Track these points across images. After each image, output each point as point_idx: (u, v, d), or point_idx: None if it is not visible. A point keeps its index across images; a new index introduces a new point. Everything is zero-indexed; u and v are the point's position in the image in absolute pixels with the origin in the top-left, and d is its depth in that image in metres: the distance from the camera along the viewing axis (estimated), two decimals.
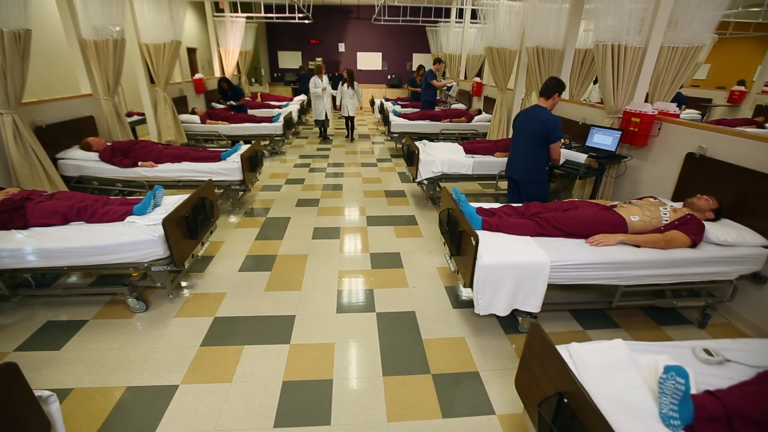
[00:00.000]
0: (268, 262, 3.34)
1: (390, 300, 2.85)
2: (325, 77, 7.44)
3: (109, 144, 4.04)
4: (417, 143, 4.48)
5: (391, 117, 6.58)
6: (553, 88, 3.04)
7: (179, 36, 5.54)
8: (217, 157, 4.14)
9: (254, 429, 1.86)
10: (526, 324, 2.48)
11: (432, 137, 6.44)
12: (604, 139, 3.47)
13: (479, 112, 6.77)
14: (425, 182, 4.18)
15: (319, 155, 6.92)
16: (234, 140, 6.33)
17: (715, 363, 1.45)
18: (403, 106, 8.13)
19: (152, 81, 5.65)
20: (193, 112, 6.47)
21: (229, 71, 8.62)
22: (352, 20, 11.98)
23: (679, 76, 3.49)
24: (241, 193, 4.40)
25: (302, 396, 2.04)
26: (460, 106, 7.97)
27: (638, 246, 2.30)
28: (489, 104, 6.91)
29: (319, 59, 12.31)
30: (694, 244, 2.32)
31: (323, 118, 7.71)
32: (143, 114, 5.84)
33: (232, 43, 8.45)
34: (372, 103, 9.28)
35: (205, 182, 3.02)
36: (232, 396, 2.04)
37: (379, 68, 12.47)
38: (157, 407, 1.96)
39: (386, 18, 9.66)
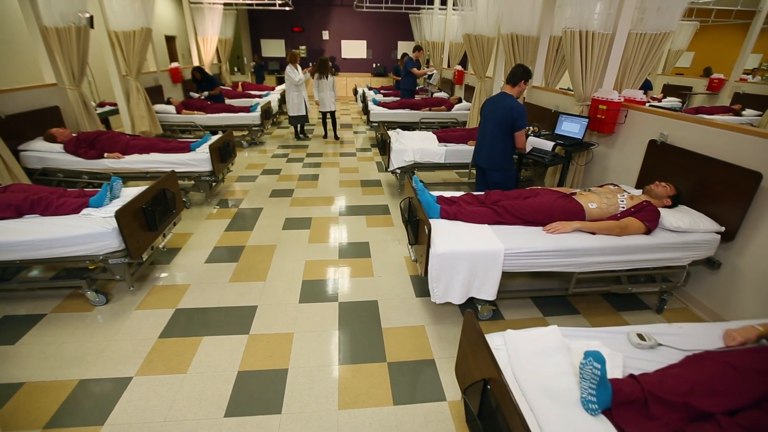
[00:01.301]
0: (235, 253, 3.32)
1: (354, 289, 2.85)
2: (299, 68, 6.65)
3: (74, 135, 3.95)
4: (390, 132, 4.45)
5: (370, 106, 6.52)
6: (519, 75, 3.02)
7: (150, 23, 5.39)
8: (186, 148, 4.08)
9: (204, 419, 1.87)
10: (485, 312, 2.49)
11: (412, 126, 6.41)
12: (572, 127, 3.47)
13: (459, 101, 6.74)
14: (397, 171, 4.15)
15: (298, 145, 6.85)
16: (213, 131, 6.23)
17: (647, 347, 1.47)
18: (385, 95, 8.06)
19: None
20: (169, 102, 6.35)
21: (208, 60, 8.45)
22: (335, 7, 11.77)
23: (648, 62, 3.49)
24: (213, 184, 4.34)
25: (256, 385, 2.05)
26: (443, 94, 7.91)
27: (594, 233, 2.31)
28: (470, 92, 6.86)
29: (303, 47, 12.12)
30: (648, 231, 2.34)
31: (303, 113, 6.86)
32: (116, 104, 5.71)
33: (211, 30, 8.26)
34: (355, 92, 9.18)
35: (167, 173, 2.97)
36: (186, 387, 2.03)
37: (364, 57, 12.32)
38: (109, 399, 1.95)
39: (369, 5, 9.52)
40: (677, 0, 3.25)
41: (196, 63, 8.55)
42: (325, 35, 12.09)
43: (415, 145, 4.07)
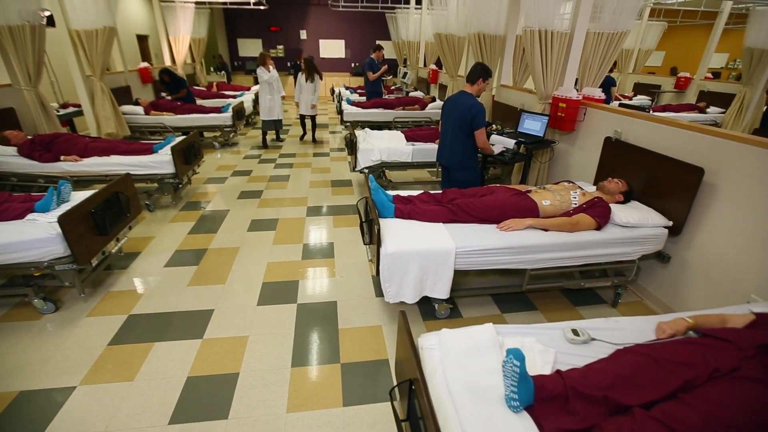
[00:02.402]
0: (196, 256, 3.25)
1: (314, 291, 2.82)
2: (271, 68, 6.22)
3: (29, 137, 3.82)
4: (358, 132, 4.43)
5: (344, 105, 6.49)
6: (477, 73, 3.02)
7: (113, 22, 5.25)
8: (149, 150, 3.98)
9: (148, 427, 1.82)
10: (443, 310, 2.50)
11: (385, 125, 6.40)
12: (533, 125, 3.51)
13: (433, 100, 6.75)
14: (365, 171, 4.14)
15: (272, 146, 6.77)
16: (185, 132, 6.10)
17: (581, 342, 1.49)
18: (361, 95, 8.03)
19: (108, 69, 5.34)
20: (137, 103, 6.20)
21: (180, 59, 8.29)
22: (312, 6, 11.69)
23: (606, 61, 3.55)
24: (179, 186, 4.25)
25: (205, 391, 2.01)
26: (419, 93, 7.92)
27: (546, 230, 2.34)
28: (444, 92, 6.89)
29: (281, 47, 12.00)
30: (599, 227, 2.38)
31: (276, 117, 6.41)
32: (80, 105, 5.54)
33: (182, 29, 8.10)
34: (332, 92, 9.13)
35: (120, 176, 2.89)
36: (131, 395, 1.98)
37: (343, 56, 12.27)
38: (49, 411, 1.89)
39: (344, 4, 9.48)
40: (632, 1, 3.30)
41: (168, 63, 8.38)
42: (303, 35, 11.99)
43: (382, 145, 4.06)
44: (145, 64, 7.02)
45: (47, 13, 5.36)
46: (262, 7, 9.24)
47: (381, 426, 1.82)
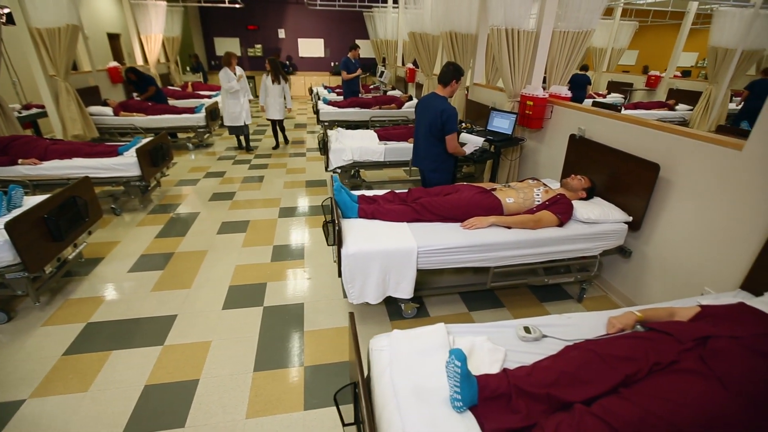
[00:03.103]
0: (162, 260, 3.17)
1: (281, 293, 2.78)
2: (239, 70, 5.72)
3: None
4: (331, 132, 4.39)
5: (320, 105, 6.43)
6: (449, 74, 2.97)
7: (77, 19, 5.08)
8: (114, 152, 3.87)
9: None
10: (409, 310, 2.49)
11: (362, 125, 6.38)
12: (502, 123, 3.53)
13: (410, 98, 6.75)
14: (338, 171, 4.10)
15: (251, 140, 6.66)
16: (157, 133, 5.94)
17: (532, 340, 1.49)
18: (339, 94, 7.98)
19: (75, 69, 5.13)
20: (105, 104, 6.02)
21: (153, 59, 8.09)
22: (290, 5, 11.56)
23: (573, 59, 3.60)
24: (147, 189, 4.15)
25: (162, 399, 1.95)
26: (397, 92, 7.92)
27: (509, 227, 2.35)
28: (421, 90, 6.90)
29: (259, 46, 11.83)
30: (561, 223, 2.40)
31: (241, 123, 5.91)
32: (44, 106, 5.35)
33: (154, 28, 7.91)
34: (311, 91, 9.04)
35: (78, 179, 2.79)
36: (84, 406, 1.91)
37: (322, 55, 12.17)
38: None
39: (322, 3, 9.40)
40: (596, 1, 3.36)
41: (140, 62, 8.17)
42: (281, 33, 11.85)
43: (354, 144, 4.03)
44: (114, 64, 6.82)
45: (6, 11, 5.17)
46: (237, 6, 9.11)
47: (341, 429, 1.80)
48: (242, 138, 6.29)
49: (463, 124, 3.79)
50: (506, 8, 3.28)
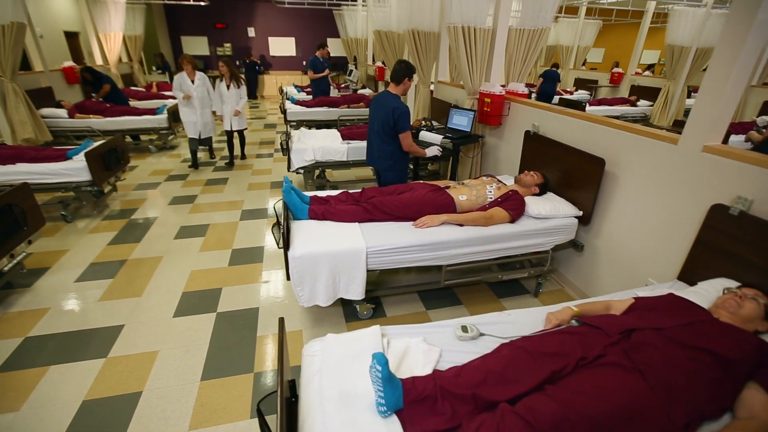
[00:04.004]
0: (113, 268, 3.05)
1: (236, 298, 2.71)
2: (200, 75, 4.87)
3: None
4: (294, 131, 4.32)
5: (287, 104, 6.33)
6: (401, 72, 2.96)
7: (22, 17, 4.83)
8: (62, 156, 3.69)
9: None
10: (364, 311, 2.47)
11: (332, 124, 6.31)
12: (461, 120, 3.54)
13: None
14: (301, 171, 4.04)
15: (215, 147, 6.50)
16: (117, 135, 5.71)
17: (469, 339, 1.49)
18: (308, 93, 7.88)
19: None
20: (59, 105, 5.76)
21: (113, 58, 7.79)
22: (260, 3, 11.35)
23: (530, 57, 3.64)
24: (100, 194, 3.98)
25: (100, 415, 1.87)
26: (367, 91, 7.88)
27: (461, 225, 2.35)
28: None
29: (228, 45, 11.57)
30: (513, 219, 2.42)
31: (195, 135, 5.09)
32: None
33: (114, 26, 7.61)
34: (281, 91, 8.90)
35: (14, 186, 2.64)
36: (14, 427, 1.81)
37: (293, 54, 12.00)
38: None
39: (290, 1, 9.27)
40: (550, 1, 3.41)
41: (99, 62, 7.86)
42: (251, 32, 11.62)
43: (316, 144, 3.98)
44: (69, 63, 6.52)
45: None
46: (202, 3, 8.88)
47: None
48: (197, 153, 5.37)
49: (423, 122, 3.79)
50: (462, 6, 3.29)
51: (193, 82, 4.84)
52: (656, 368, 1.18)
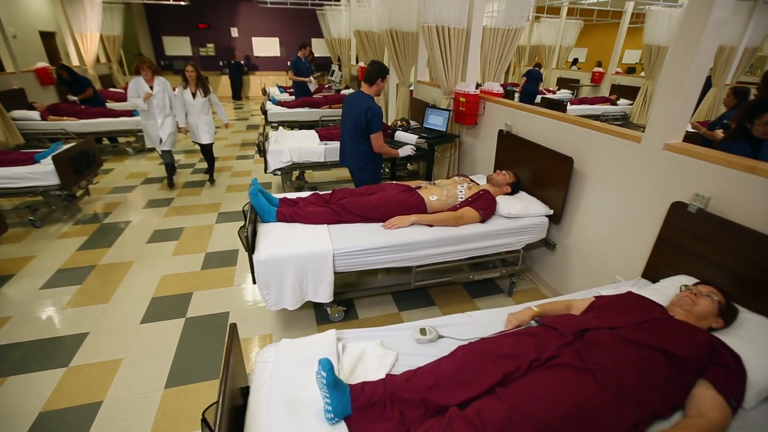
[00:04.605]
0: (81, 274, 2.97)
1: (207, 302, 2.66)
2: (160, 80, 4.24)
3: None
4: (271, 132, 4.27)
5: (268, 105, 6.27)
6: (374, 73, 2.92)
7: None
8: (30, 160, 3.59)
9: None
10: (335, 313, 2.44)
11: (313, 125, 6.27)
12: (437, 120, 3.54)
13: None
14: (278, 173, 3.99)
15: (195, 149, 6.41)
16: (97, 139, 5.59)
17: (427, 341, 1.47)
18: (291, 94, 7.81)
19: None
20: (32, 107, 5.62)
21: (90, 59, 7.63)
22: (242, 3, 11.23)
23: (505, 56, 3.65)
24: (71, 198, 3.88)
25: (57, 426, 1.81)
26: (349, 91, 7.84)
27: (431, 225, 2.34)
28: None
29: (211, 45, 11.43)
30: (483, 219, 2.41)
31: (154, 146, 4.53)
32: None
33: (90, 26, 7.45)
34: (264, 92, 8.82)
35: None
36: None
37: (278, 54, 11.90)
38: None
39: (273, 0, 9.19)
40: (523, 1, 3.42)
41: (75, 63, 7.69)
42: (234, 32, 11.50)
43: (293, 145, 3.93)
44: (42, 64, 6.37)
45: None
46: (182, 3, 8.75)
47: None
48: (174, 166, 4.74)
49: (398, 123, 3.77)
50: (436, 6, 3.28)
51: (152, 88, 4.20)
52: (607, 368, 1.18)
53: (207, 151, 4.67)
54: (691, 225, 1.71)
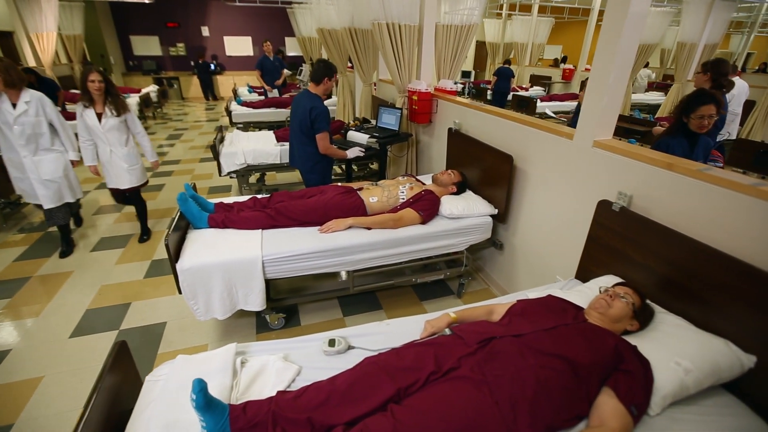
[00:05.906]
0: (13, 287, 2.82)
1: (144, 313, 2.55)
2: (30, 95, 2.79)
3: None
4: (228, 134, 4.15)
5: (232, 105, 6.12)
6: (321, 72, 2.83)
7: None
8: None
9: None
10: (275, 321, 2.36)
11: (280, 125, 6.15)
12: (389, 119, 3.48)
13: (329, 97, 6.60)
14: (233, 176, 3.88)
15: (159, 152, 6.23)
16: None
17: (334, 353, 1.40)
18: (260, 94, 7.66)
19: None
20: None
21: (47, 59, 7.34)
22: (213, 1, 10.98)
23: (460, 53, 3.60)
24: (17, 205, 3.71)
25: None
26: None
27: (370, 228, 2.27)
28: None
29: (181, 45, 11.16)
30: (424, 221, 2.36)
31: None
32: None
33: (47, 25, 7.16)
34: (235, 92, 8.64)
35: None
36: None
37: (251, 54, 11.68)
38: None
39: None
40: None
41: (31, 64, 7.40)
42: (205, 31, 11.24)
43: (248, 147, 3.82)
44: None
45: None
46: (146, 1, 8.50)
47: None
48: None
49: (351, 122, 3.70)
50: (385, 3, 3.21)
51: (14, 106, 2.72)
52: (504, 379, 1.12)
53: (134, 198, 3.26)
54: (615, 223, 1.68)
